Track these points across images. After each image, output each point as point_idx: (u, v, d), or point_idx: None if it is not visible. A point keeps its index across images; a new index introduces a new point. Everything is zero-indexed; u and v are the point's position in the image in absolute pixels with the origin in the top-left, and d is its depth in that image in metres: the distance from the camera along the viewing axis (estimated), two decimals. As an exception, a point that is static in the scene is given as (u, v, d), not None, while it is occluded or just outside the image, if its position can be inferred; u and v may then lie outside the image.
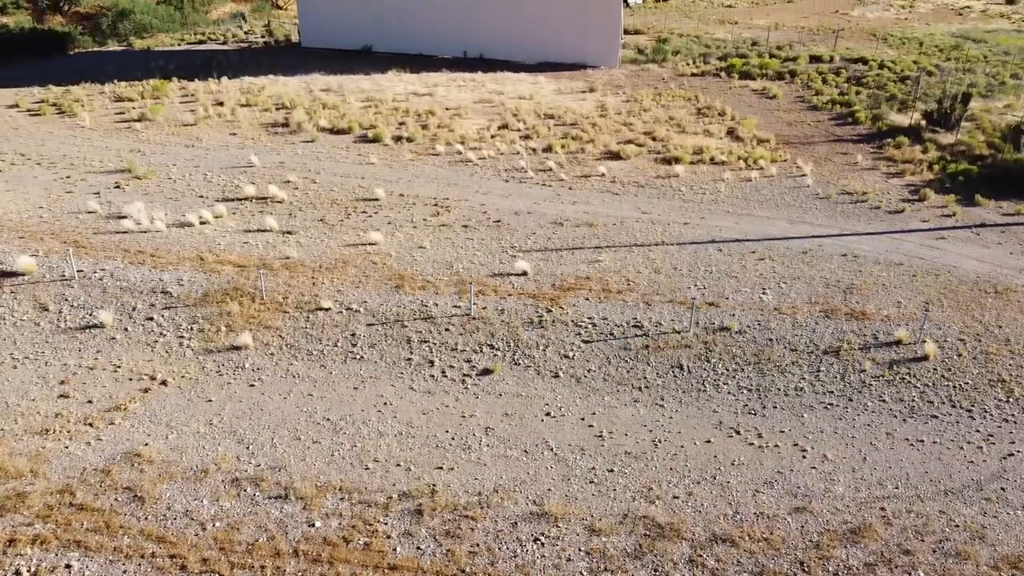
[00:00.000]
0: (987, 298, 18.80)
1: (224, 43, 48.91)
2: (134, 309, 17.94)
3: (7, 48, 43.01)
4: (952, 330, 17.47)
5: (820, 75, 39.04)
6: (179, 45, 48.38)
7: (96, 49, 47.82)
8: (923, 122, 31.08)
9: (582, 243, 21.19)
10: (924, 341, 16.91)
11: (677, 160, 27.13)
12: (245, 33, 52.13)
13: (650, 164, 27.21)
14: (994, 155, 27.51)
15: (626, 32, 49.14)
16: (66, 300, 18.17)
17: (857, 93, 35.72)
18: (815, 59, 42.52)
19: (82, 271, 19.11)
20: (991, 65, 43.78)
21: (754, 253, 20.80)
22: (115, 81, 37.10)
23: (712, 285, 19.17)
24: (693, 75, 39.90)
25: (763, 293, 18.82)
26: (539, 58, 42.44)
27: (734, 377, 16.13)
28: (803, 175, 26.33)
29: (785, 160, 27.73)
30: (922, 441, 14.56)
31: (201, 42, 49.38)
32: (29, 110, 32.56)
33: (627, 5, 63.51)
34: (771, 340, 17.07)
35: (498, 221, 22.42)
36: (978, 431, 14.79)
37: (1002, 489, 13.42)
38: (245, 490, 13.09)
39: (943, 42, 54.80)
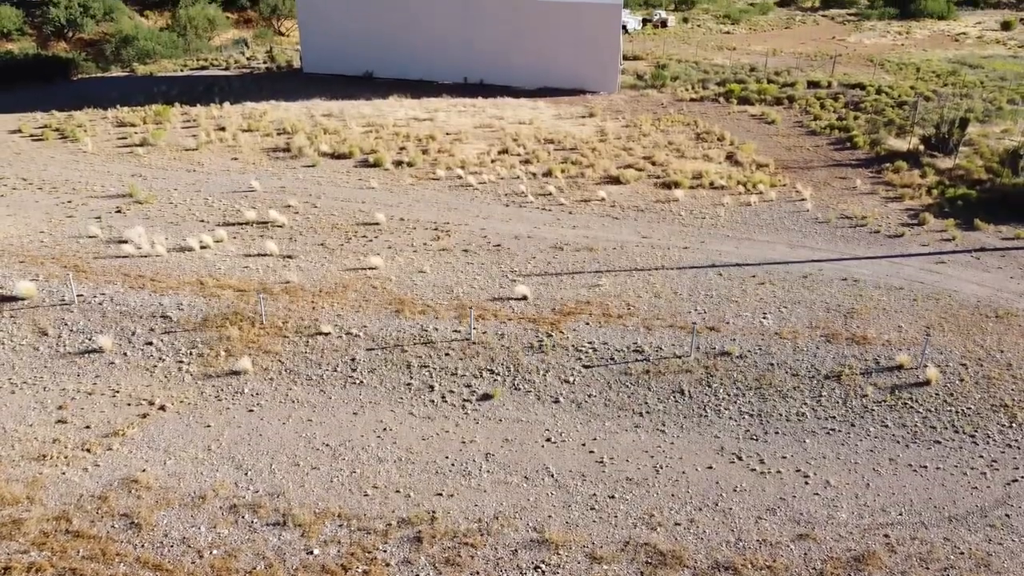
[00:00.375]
0: (988, 322, 18.76)
1: (226, 69, 49.29)
2: (133, 334, 17.90)
3: (11, 74, 43.35)
4: (954, 355, 17.42)
5: (818, 100, 39.30)
6: (181, 71, 48.75)
7: (99, 75, 48.20)
8: (921, 147, 31.23)
9: (582, 267, 21.20)
10: (926, 366, 16.85)
11: (677, 185, 27.22)
12: (247, 59, 52.55)
13: (650, 188, 27.30)
14: (992, 180, 27.62)
15: (625, 58, 49.57)
16: (65, 325, 18.14)
17: (855, 118, 35.93)
18: (813, 84, 42.82)
19: (82, 295, 19.10)
20: (988, 90, 44.09)
21: (754, 277, 20.80)
22: (118, 106, 37.34)
23: (712, 310, 19.14)
24: (692, 100, 40.17)
25: (764, 318, 18.79)
26: (539, 83, 42.75)
27: (735, 402, 16.05)
28: (802, 199, 26.40)
29: (784, 185, 27.82)
30: (925, 467, 14.46)
31: (203, 68, 49.76)
32: (32, 135, 32.74)
33: (626, 31, 64.07)
34: (772, 365, 17.01)
35: (498, 245, 22.45)
36: (982, 457, 14.70)
37: (1007, 516, 13.30)
38: (243, 517, 12.98)
39: (940, 68, 55.23)
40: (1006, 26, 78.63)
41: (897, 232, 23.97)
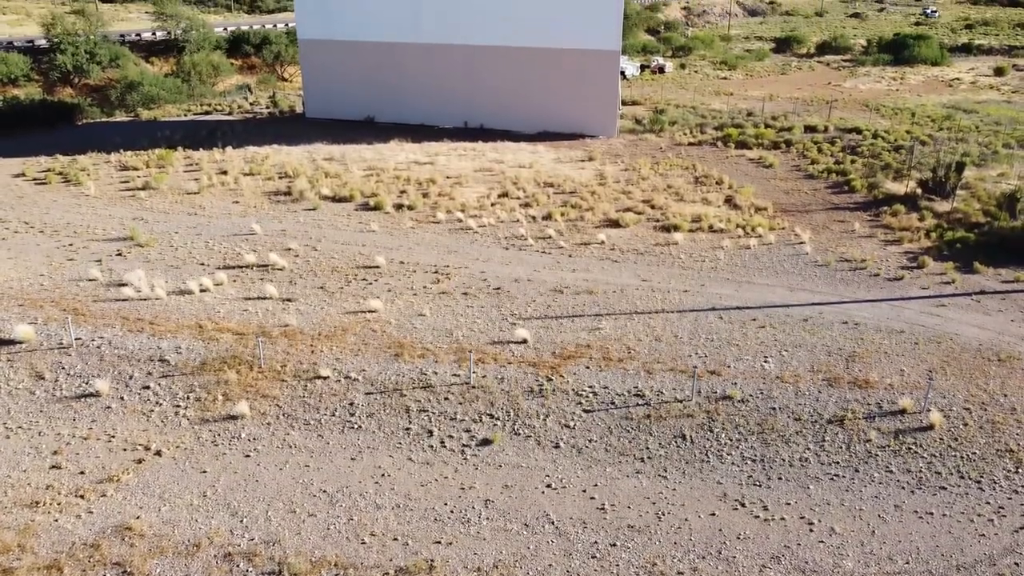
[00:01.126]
0: (991, 366, 18.66)
1: (229, 114, 49.87)
2: (131, 377, 17.79)
3: (17, 119, 43.84)
4: (957, 399, 17.29)
5: (815, 144, 39.66)
6: (185, 115, 49.30)
7: (104, 120, 48.73)
8: (919, 190, 31.42)
9: (582, 311, 21.16)
10: (929, 410, 16.71)
11: (676, 228, 27.32)
12: (251, 104, 53.19)
13: (649, 232, 27.39)
14: (990, 223, 27.72)
15: (624, 103, 50.16)
16: (63, 368, 18.03)
17: (852, 162, 36.23)
18: (810, 129, 43.27)
19: (80, 339, 19.02)
20: (983, 135, 44.53)
21: (755, 321, 20.74)
22: (121, 151, 37.68)
23: (713, 353, 19.05)
24: (690, 144, 40.55)
25: (765, 361, 18.69)
26: (538, 128, 43.21)
27: (738, 447, 15.88)
28: (801, 243, 26.47)
29: (783, 228, 27.92)
30: (931, 513, 14.24)
31: (207, 113, 50.34)
32: (35, 179, 32.97)
33: (624, 77, 64.95)
34: (774, 409, 16.87)
35: (498, 288, 22.44)
36: (988, 503, 14.48)
37: (1016, 564, 13.06)
38: (238, 565, 12.74)
39: (935, 113, 55.90)
40: (999, 72, 79.77)
41: (897, 275, 23.98)
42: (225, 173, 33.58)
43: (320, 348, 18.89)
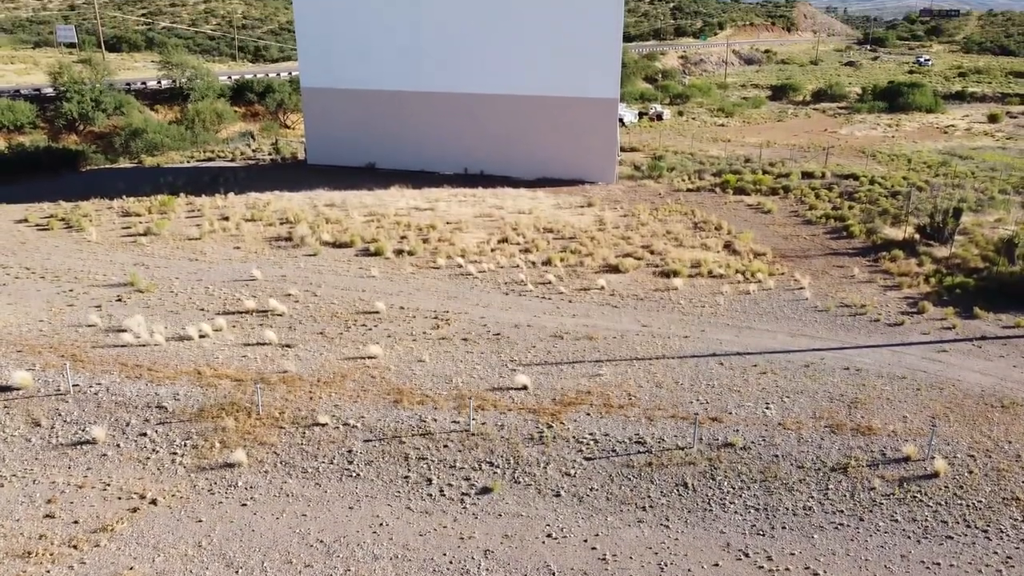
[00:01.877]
0: (994, 413, 18.53)
1: (232, 160, 50.38)
2: (128, 424, 17.65)
3: (22, 165, 44.30)
4: (961, 446, 17.13)
5: (813, 190, 39.99)
6: (188, 162, 49.81)
7: (108, 166, 49.21)
8: (916, 236, 31.58)
9: (582, 356, 21.09)
10: (933, 457, 16.54)
11: (675, 273, 27.38)
12: (253, 151, 53.77)
13: (649, 277, 27.44)
14: (989, 268, 27.79)
15: (622, 150, 50.71)
16: (59, 415, 17.90)
17: (850, 208, 36.47)
18: (807, 175, 43.66)
19: (78, 385, 18.92)
20: (979, 180, 44.93)
21: (756, 367, 20.66)
22: (124, 197, 37.96)
23: (714, 400, 18.94)
24: (689, 190, 40.87)
25: (766, 408, 18.57)
26: (538, 174, 43.60)
27: (740, 496, 15.68)
28: (801, 288, 26.51)
29: (783, 273, 27.99)
30: (938, 564, 14.00)
31: (210, 159, 50.86)
32: (38, 225, 33.15)
33: (623, 124, 65.77)
34: (777, 457, 16.70)
35: (498, 334, 22.40)
36: (996, 553, 14.25)
37: (1026, 617, 12.80)
38: (232, 618, 12.48)
39: (931, 159, 56.45)
40: (993, 119, 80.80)
41: (897, 320, 23.95)
42: (227, 219, 33.78)
43: (319, 394, 18.78)
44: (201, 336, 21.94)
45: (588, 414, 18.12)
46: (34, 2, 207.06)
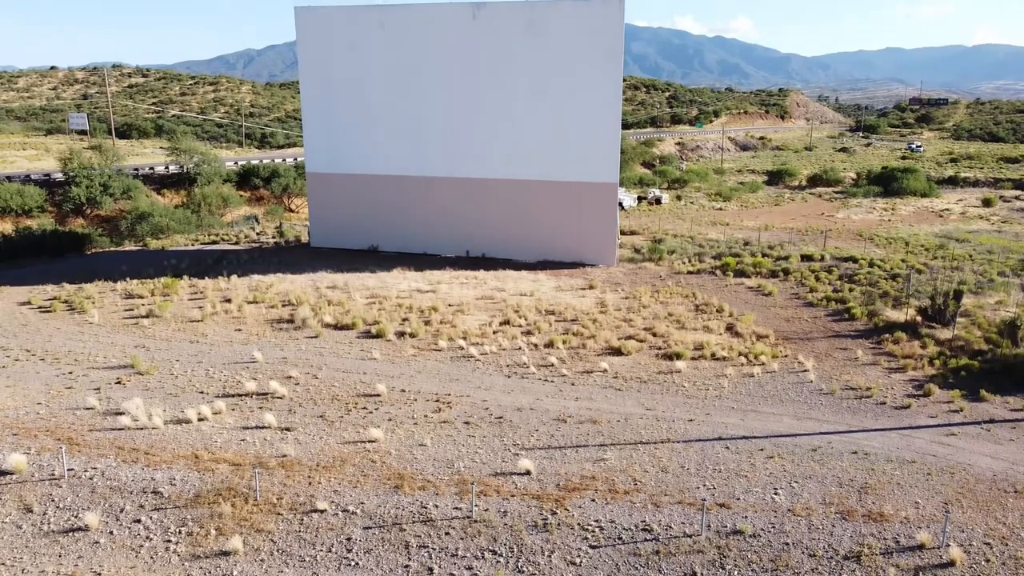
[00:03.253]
0: (1007, 498, 18.12)
1: (236, 243, 50.89)
2: (122, 510, 17.24)
3: (28, 248, 44.75)
4: (976, 533, 16.67)
5: (813, 273, 40.22)
6: (193, 245, 50.30)
7: (113, 249, 49.68)
8: (919, 318, 31.58)
9: (586, 440, 20.77)
10: (948, 545, 16.08)
11: (678, 356, 27.26)
12: (257, 234, 54.40)
13: (651, 360, 27.31)
14: (993, 350, 27.69)
15: (622, 233, 51.32)
16: (52, 501, 17.50)
17: (851, 290, 36.60)
18: (806, 258, 44.01)
19: (72, 470, 18.57)
20: (977, 263, 45.26)
21: (762, 451, 20.32)
22: (128, 279, 38.20)
23: (722, 485, 18.55)
24: (689, 273, 41.12)
25: (775, 493, 18.17)
26: (539, 256, 43.98)
27: (751, 586, 15.16)
28: (805, 370, 26.34)
29: (786, 356, 27.86)
30: (960, 660, 13.41)
31: (214, 242, 51.40)
32: (40, 307, 33.23)
33: (622, 208, 66.77)
34: (787, 544, 16.24)
35: (500, 417, 22.13)
36: (1020, 648, 13.68)
37: None
38: None
39: (928, 242, 57.06)
40: (987, 203, 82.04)
41: (904, 403, 23.70)
42: (229, 301, 33.88)
43: (318, 480, 18.41)
44: (200, 419, 21.67)
45: (593, 500, 17.72)
46: (48, 91, 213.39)
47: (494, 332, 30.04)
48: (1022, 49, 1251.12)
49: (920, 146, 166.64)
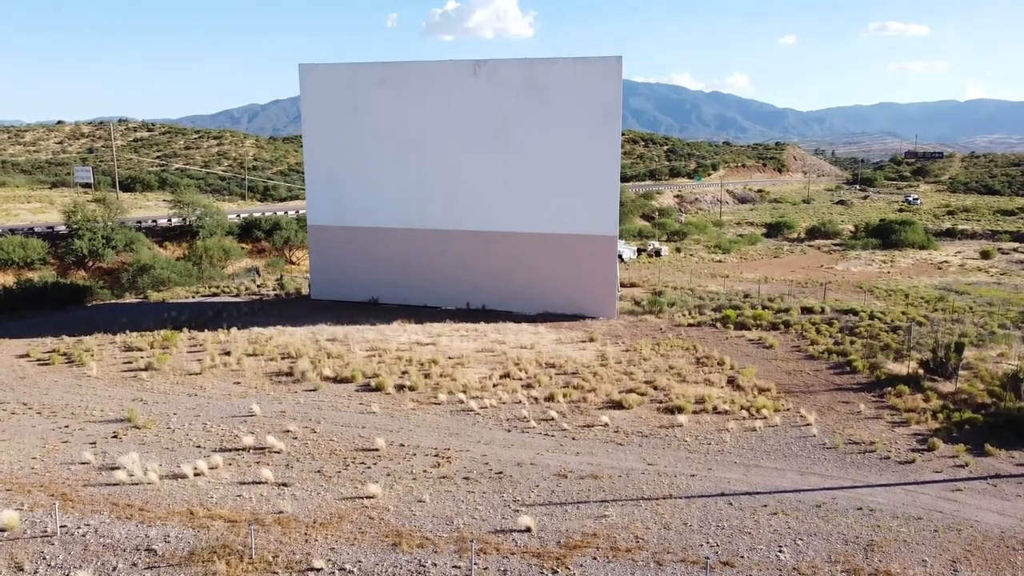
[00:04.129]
0: (1017, 556, 17.78)
1: (237, 295, 50.96)
2: (114, 569, 16.90)
3: (28, 301, 44.79)
4: (986, 593, 16.32)
5: (813, 325, 40.17)
6: (193, 297, 50.37)
7: (113, 301, 49.73)
8: (920, 371, 31.43)
9: (587, 497, 20.48)
10: (958, 606, 15.72)
11: (680, 409, 27.06)
12: (258, 286, 54.52)
13: (653, 413, 27.10)
14: (996, 403, 27.49)
15: (622, 285, 51.42)
16: (44, 558, 17.18)
17: (852, 343, 36.50)
18: (807, 310, 44.00)
19: (65, 526, 18.28)
20: (978, 315, 45.23)
21: (766, 507, 20.02)
22: (127, 331, 38.16)
23: (725, 542, 18.22)
24: (690, 325, 41.07)
25: (780, 551, 17.84)
26: (539, 309, 43.99)
27: (757, 648, 14.77)
28: (807, 424, 26.12)
29: (788, 409, 27.66)
30: None
31: (215, 294, 51.48)
32: (39, 360, 33.11)
33: (622, 260, 67.03)
34: (793, 605, 15.87)
35: (500, 473, 21.86)
36: None
37: None
38: None
39: (927, 294, 57.12)
40: (985, 255, 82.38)
41: (908, 458, 23.44)
42: (228, 354, 33.78)
43: (314, 536, 18.10)
44: (196, 474, 21.41)
45: (595, 558, 17.39)
46: (54, 145, 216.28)
47: (494, 385, 29.88)
48: (1014, 104, 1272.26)
49: (917, 199, 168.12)
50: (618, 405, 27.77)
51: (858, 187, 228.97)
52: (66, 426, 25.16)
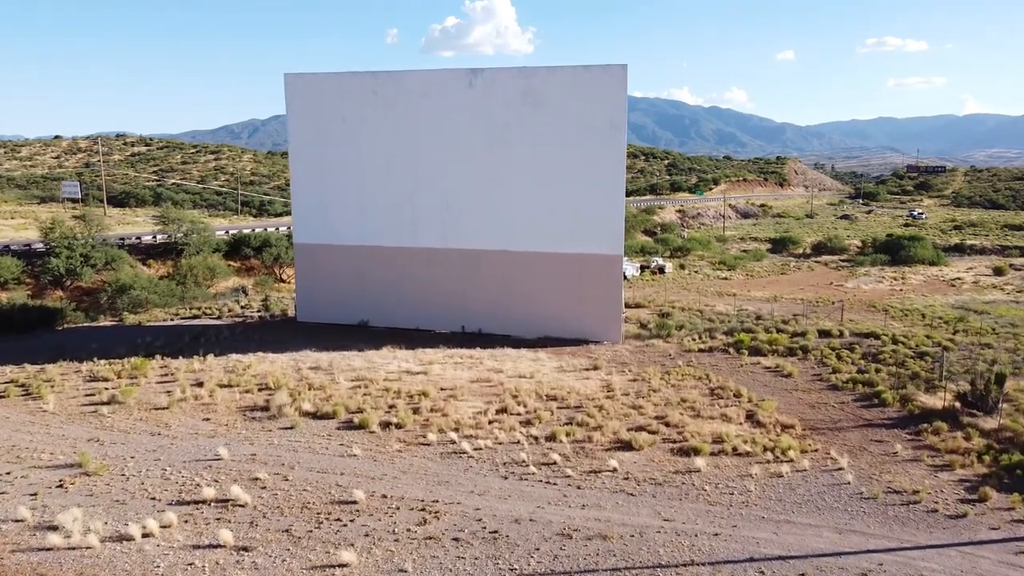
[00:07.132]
0: (1107, 642, 14.96)
1: (218, 318, 48.17)
2: (30, 664, 14.08)
3: (-8, 325, 42.03)
4: None
5: (833, 351, 37.40)
6: (172, 320, 47.58)
7: (86, 324, 46.93)
8: (957, 403, 28.64)
9: (595, 563, 17.64)
10: None
11: (696, 451, 24.24)
12: (242, 308, 51.71)
13: (666, 456, 24.28)
14: (1048, 444, 24.70)
15: (626, 305, 48.68)
16: (-53, 650, 14.36)
17: (877, 371, 33.73)
18: (824, 334, 41.22)
19: (-20, 607, 15.47)
20: (1003, 338, 42.51)
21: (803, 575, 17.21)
22: (95, 359, 35.42)
23: (760, 624, 15.41)
24: (700, 351, 38.31)
25: (826, 637, 15.02)
26: (539, 333, 41.22)
27: None
28: (840, 469, 23.31)
29: (816, 450, 24.86)
30: None
31: (195, 317, 48.68)
32: (-8, 392, 30.30)
33: (625, 278, 64.31)
34: None
35: (495, 532, 19.02)
36: None
37: None
38: None
39: (946, 314, 54.47)
40: (998, 272, 79.83)
41: (958, 511, 20.62)
42: (201, 385, 31.00)
43: (274, 619, 15.27)
44: (144, 535, 18.55)
45: (606, 648, 14.58)
46: (51, 160, 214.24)
47: (490, 422, 27.06)
48: (1012, 118, 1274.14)
49: (922, 213, 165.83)
50: (627, 445, 24.96)
51: (861, 201, 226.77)
52: (8, 473, 22.34)
